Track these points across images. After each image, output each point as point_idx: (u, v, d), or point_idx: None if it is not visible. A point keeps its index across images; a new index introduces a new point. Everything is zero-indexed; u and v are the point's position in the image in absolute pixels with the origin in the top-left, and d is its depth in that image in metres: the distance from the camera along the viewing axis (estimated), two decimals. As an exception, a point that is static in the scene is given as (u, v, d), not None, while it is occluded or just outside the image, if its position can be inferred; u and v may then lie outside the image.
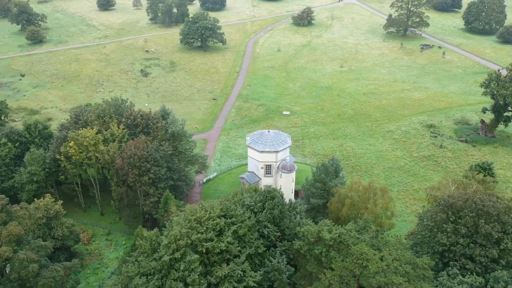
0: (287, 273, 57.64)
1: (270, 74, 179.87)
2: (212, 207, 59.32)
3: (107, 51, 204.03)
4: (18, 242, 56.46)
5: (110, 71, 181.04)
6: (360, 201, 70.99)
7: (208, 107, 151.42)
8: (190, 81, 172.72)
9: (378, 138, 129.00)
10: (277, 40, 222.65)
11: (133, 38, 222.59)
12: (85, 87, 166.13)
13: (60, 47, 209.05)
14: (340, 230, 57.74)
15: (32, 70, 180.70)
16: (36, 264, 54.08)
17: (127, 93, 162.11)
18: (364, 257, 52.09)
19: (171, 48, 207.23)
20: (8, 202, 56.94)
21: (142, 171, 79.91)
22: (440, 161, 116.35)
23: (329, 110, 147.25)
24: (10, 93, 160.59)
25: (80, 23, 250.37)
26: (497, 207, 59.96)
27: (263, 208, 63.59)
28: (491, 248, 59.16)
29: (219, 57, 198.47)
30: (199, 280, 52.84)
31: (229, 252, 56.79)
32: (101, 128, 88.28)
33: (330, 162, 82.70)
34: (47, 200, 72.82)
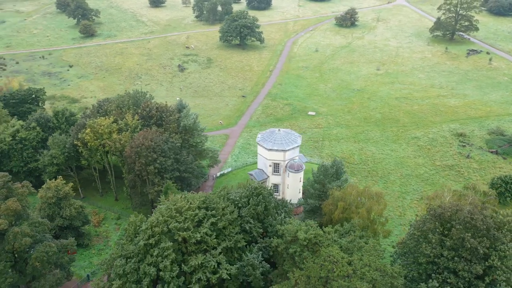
0: (260, 269, 58.65)
1: (303, 74, 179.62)
2: (193, 198, 61.56)
3: (150, 46, 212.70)
4: (18, 217, 61.84)
5: (150, 65, 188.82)
6: (352, 205, 70.29)
7: (236, 104, 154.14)
8: (223, 77, 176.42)
9: (402, 144, 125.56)
10: (316, 41, 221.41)
11: (177, 34, 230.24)
12: (125, 80, 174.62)
13: (109, 41, 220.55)
14: (317, 231, 57.89)
15: (79, 62, 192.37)
16: (29, 238, 59.15)
17: (162, 87, 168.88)
18: (331, 259, 52.03)
19: (210, 45, 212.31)
20: (10, 179, 62.55)
21: (149, 161, 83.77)
22: (463, 172, 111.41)
23: (356, 113, 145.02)
24: (57, 82, 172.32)
25: (131, 18, 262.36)
26: (486, 222, 57.39)
27: (247, 204, 64.96)
28: (476, 263, 56.79)
29: (256, 55, 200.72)
30: (171, 267, 55.35)
31: (206, 243, 58.79)
32: (117, 118, 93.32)
33: (330, 164, 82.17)
34: (58, 182, 78.53)
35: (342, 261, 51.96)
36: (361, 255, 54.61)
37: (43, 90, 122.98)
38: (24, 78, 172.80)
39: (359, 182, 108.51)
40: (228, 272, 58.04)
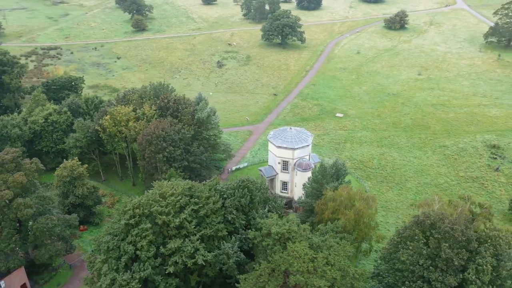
0: (234, 258, 60.46)
1: (339, 75, 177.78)
2: (178, 185, 64.59)
3: (195, 42, 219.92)
4: (25, 190, 68.22)
5: (191, 60, 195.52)
6: (341, 206, 70.08)
7: (266, 102, 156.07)
8: (258, 75, 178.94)
9: (427, 151, 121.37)
10: (360, 43, 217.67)
11: (222, 31, 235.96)
12: (165, 73, 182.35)
13: (157, 36, 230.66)
14: (291, 227, 58.73)
15: (127, 54, 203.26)
16: (31, 209, 65.15)
17: (199, 81, 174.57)
18: (294, 254, 52.73)
19: (252, 43, 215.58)
20: (20, 155, 69.18)
21: (158, 149, 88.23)
22: (488, 185, 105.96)
23: (385, 117, 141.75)
24: (103, 72, 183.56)
25: (182, 15, 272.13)
26: (467, 234, 55.31)
27: (233, 195, 66.98)
28: (452, 275, 54.98)
29: (295, 55, 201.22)
30: (147, 247, 58.77)
31: (186, 229, 61.62)
32: (136, 107, 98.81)
33: (331, 164, 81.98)
34: (74, 162, 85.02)
35: (304, 257, 52.55)
36: (328, 254, 54.77)
37: (82, 78, 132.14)
38: (75, 67, 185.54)
39: (373, 186, 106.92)
40: (204, 258, 60.47)
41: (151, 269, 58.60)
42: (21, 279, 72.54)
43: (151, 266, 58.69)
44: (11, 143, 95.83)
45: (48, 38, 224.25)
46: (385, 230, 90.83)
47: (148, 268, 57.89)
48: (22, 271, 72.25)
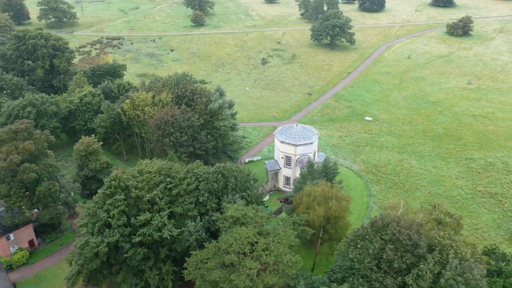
0: (195, 236, 64.71)
1: (381, 79, 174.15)
2: (156, 164, 70.21)
3: (246, 38, 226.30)
4: (34, 157, 77.84)
5: (238, 56, 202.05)
6: (315, 201, 71.54)
7: (299, 100, 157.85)
8: (298, 74, 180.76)
9: (450, 162, 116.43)
10: (414, 47, 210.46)
11: (275, 29, 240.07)
12: (210, 66, 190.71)
13: (213, 31, 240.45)
14: (249, 213, 61.80)
15: (180, 47, 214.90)
16: (35, 173, 74.49)
17: (239, 77, 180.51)
18: (236, 236, 55.77)
19: (302, 43, 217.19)
20: (32, 125, 79.09)
21: (165, 134, 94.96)
22: (505, 203, 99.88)
23: (416, 125, 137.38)
24: (154, 62, 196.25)
25: (242, 12, 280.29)
26: (413, 239, 54.79)
27: (207, 179, 71.25)
28: (392, 277, 54.87)
29: (341, 56, 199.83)
30: (118, 216, 65.04)
31: (158, 205, 67.14)
32: (155, 94, 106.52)
33: (318, 163, 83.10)
34: (90, 139, 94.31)
35: (244, 240, 55.48)
36: (272, 240, 57.16)
37: (124, 66, 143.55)
38: (131, 57, 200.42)
39: (380, 191, 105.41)
40: (170, 233, 65.57)
41: (120, 236, 64.87)
42: (29, 235, 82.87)
43: (120, 233, 64.94)
44: (47, 118, 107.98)
45: (114, 29, 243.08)
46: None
47: (117, 234, 64.23)
48: (30, 228, 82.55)
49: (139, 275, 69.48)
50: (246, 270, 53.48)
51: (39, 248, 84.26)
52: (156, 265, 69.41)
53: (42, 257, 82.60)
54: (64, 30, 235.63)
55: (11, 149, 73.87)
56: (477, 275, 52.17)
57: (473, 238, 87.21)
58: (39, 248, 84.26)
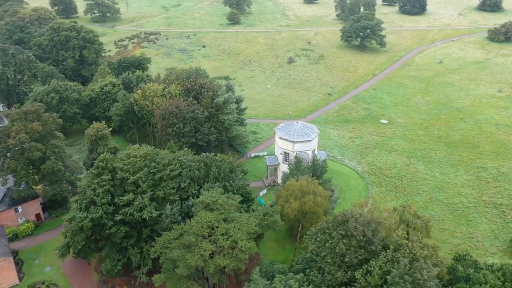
0: (170, 218, 68.64)
1: (406, 83, 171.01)
2: (143, 150, 74.86)
3: (278, 37, 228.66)
4: (43, 137, 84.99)
5: (266, 54, 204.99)
6: (292, 195, 73.50)
7: (317, 100, 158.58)
8: (322, 74, 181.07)
9: (460, 169, 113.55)
10: (448, 52, 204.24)
11: (308, 30, 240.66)
12: (236, 63, 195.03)
13: (247, 29, 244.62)
14: (219, 200, 64.99)
15: (212, 44, 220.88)
16: (40, 152, 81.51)
17: (264, 74, 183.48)
18: (198, 220, 59.06)
19: (332, 43, 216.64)
20: (43, 108, 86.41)
21: (169, 124, 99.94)
22: (508, 214, 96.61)
23: (433, 130, 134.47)
24: (185, 58, 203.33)
25: (279, 12, 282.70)
26: (367, 235, 55.75)
27: (190, 167, 75.01)
28: (344, 271, 56.11)
29: (370, 58, 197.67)
30: (102, 194, 70.29)
31: (140, 187, 71.82)
32: (166, 86, 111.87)
33: (306, 159, 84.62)
34: (100, 125, 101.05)
35: (204, 223, 58.69)
36: (233, 226, 59.96)
37: (148, 59, 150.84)
38: (163, 51, 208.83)
39: (379, 194, 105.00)
40: (150, 214, 70.04)
41: (104, 213, 70.12)
42: (36, 209, 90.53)
43: (104, 211, 70.17)
44: (68, 104, 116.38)
45: (153, 25, 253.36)
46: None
47: (100, 211, 69.53)
48: (37, 202, 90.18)
49: (123, 252, 74.48)
50: (201, 251, 56.78)
51: (44, 222, 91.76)
52: (139, 244, 74.13)
53: (46, 230, 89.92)
54: (106, 24, 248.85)
55: (20, 128, 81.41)
56: (425, 276, 52.36)
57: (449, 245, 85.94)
58: (44, 222, 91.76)
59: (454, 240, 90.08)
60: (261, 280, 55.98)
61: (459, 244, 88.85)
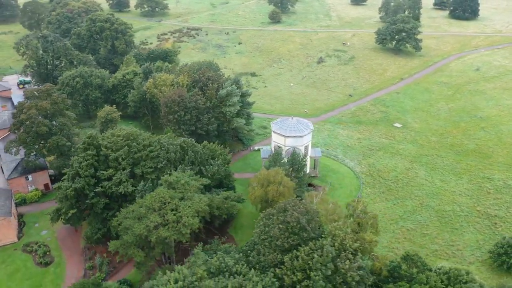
0: (142, 194, 74.95)
1: (434, 89, 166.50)
2: (125, 131, 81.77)
3: (314, 37, 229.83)
4: (53, 114, 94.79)
5: (297, 53, 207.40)
6: (259, 184, 77.18)
7: (336, 100, 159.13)
8: (348, 75, 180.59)
9: (463, 178, 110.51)
10: (489, 60, 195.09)
11: (347, 31, 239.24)
12: (266, 61, 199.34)
13: (286, 28, 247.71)
14: (181, 180, 70.27)
15: (247, 41, 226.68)
16: (46, 127, 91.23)
17: (290, 73, 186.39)
18: (153, 194, 64.77)
19: (367, 45, 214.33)
20: (53, 89, 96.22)
21: (171, 111, 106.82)
22: (500, 226, 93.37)
23: (447, 137, 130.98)
24: (218, 53, 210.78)
25: (323, 12, 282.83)
26: (301, 223, 58.41)
27: (168, 150, 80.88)
28: (277, 253, 59.19)
29: (402, 62, 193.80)
30: (86, 167, 78.02)
31: (121, 164, 78.85)
32: (176, 76, 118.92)
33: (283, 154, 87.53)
34: (111, 108, 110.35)
35: (157, 198, 64.19)
36: (184, 204, 64.94)
37: (175, 52, 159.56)
38: (199, 46, 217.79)
39: (369, 194, 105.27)
40: (126, 189, 76.88)
41: (86, 184, 77.87)
42: (45, 179, 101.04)
43: (86, 182, 77.91)
44: (91, 89, 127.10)
45: (198, 20, 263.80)
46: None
47: (82, 182, 77.34)
48: (45, 173, 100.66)
49: (104, 223, 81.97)
50: (147, 221, 62.36)
51: (52, 192, 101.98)
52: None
53: (52, 199, 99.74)
54: (154, 19, 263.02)
55: (31, 105, 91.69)
56: (346, 265, 54.24)
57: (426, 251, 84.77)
58: (52, 192, 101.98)
59: (433, 246, 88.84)
60: (202, 254, 60.47)
61: (436, 250, 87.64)
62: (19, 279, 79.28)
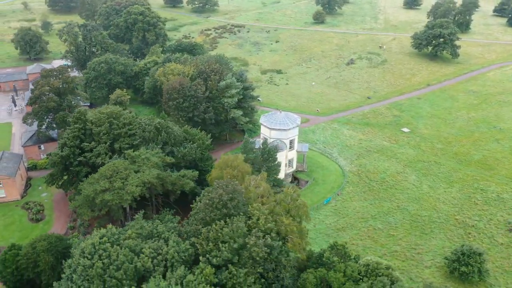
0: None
1: (459, 97, 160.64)
2: (110, 108, 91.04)
3: (353, 39, 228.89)
4: (64, 92, 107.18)
5: (330, 54, 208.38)
6: (218, 166, 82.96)
7: (353, 101, 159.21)
8: (373, 78, 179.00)
9: (454, 186, 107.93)
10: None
11: (389, 35, 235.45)
12: (296, 60, 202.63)
13: (327, 29, 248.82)
14: (143, 155, 78.10)
15: (285, 40, 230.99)
16: (54, 103, 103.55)
17: (316, 72, 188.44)
18: (110, 164, 73.11)
19: (404, 50, 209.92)
20: (66, 69, 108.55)
21: (171, 98, 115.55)
22: (474, 237, 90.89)
23: (454, 146, 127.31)
24: (253, 50, 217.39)
25: (371, 15, 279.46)
26: (223, 200, 63.48)
27: (144, 129, 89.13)
28: (200, 225, 64.85)
29: (435, 68, 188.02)
30: (72, 138, 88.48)
31: (102, 139, 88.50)
32: (184, 67, 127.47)
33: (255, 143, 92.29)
34: (122, 92, 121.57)
35: (110, 167, 72.42)
36: (134, 175, 72.56)
37: (200, 45, 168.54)
38: (237, 43, 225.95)
39: (349, 192, 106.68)
40: (103, 160, 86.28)
41: (71, 154, 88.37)
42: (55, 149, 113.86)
43: (71, 152, 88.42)
44: (114, 74, 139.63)
45: (244, 18, 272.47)
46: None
47: (67, 151, 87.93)
48: (56, 145, 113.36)
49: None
50: (97, 186, 70.78)
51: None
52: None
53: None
54: (203, 15, 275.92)
55: (44, 82, 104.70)
56: (252, 241, 58.55)
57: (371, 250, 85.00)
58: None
59: (394, 246, 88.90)
60: (141, 220, 67.69)
61: (396, 251, 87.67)
62: (12, 230, 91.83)
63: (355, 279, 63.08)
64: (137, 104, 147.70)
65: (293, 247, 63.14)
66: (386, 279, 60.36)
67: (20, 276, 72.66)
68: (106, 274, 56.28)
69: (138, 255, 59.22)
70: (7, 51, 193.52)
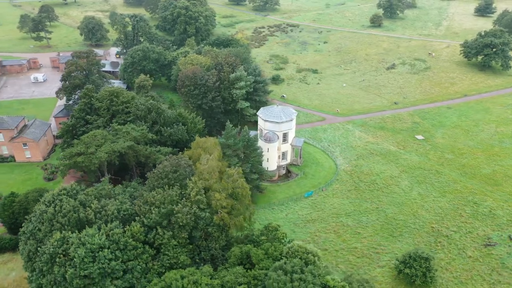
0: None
1: (495, 110, 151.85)
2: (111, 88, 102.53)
3: (404, 45, 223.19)
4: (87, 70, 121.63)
5: (373, 58, 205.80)
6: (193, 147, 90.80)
7: (377, 105, 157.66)
8: (408, 84, 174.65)
9: (445, 197, 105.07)
10: None
11: (445, 41, 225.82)
12: (337, 61, 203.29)
13: (381, 33, 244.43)
14: (125, 130, 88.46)
15: (334, 41, 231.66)
16: (79, 81, 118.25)
17: (352, 74, 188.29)
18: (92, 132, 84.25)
19: (453, 58, 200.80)
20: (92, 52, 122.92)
21: (184, 85, 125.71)
22: (442, 245, 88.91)
23: (465, 158, 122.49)
24: (298, 49, 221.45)
25: (435, 21, 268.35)
26: (165, 170, 71.27)
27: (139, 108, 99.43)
28: (148, 191, 73.24)
29: (479, 78, 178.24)
30: (79, 110, 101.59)
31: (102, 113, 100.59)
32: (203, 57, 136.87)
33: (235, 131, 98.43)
34: (145, 77, 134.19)
35: (91, 135, 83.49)
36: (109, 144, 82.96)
37: (236, 40, 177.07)
38: (285, 41, 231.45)
39: (334, 190, 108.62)
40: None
41: (77, 123, 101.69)
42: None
43: (77, 122, 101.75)
44: (148, 61, 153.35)
45: (301, 18, 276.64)
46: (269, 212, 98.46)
47: (74, 121, 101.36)
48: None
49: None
50: (73, 149, 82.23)
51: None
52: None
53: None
54: (261, 13, 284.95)
55: (73, 63, 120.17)
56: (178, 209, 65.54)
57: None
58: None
59: (356, 243, 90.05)
60: (107, 183, 77.89)
61: (356, 247, 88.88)
62: (27, 185, 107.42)
63: (275, 258, 67.25)
64: (168, 91, 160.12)
65: (220, 221, 68.83)
66: (300, 261, 63.81)
67: (15, 219, 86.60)
68: (54, 219, 66.76)
69: (85, 208, 69.00)
70: (75, 37, 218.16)
